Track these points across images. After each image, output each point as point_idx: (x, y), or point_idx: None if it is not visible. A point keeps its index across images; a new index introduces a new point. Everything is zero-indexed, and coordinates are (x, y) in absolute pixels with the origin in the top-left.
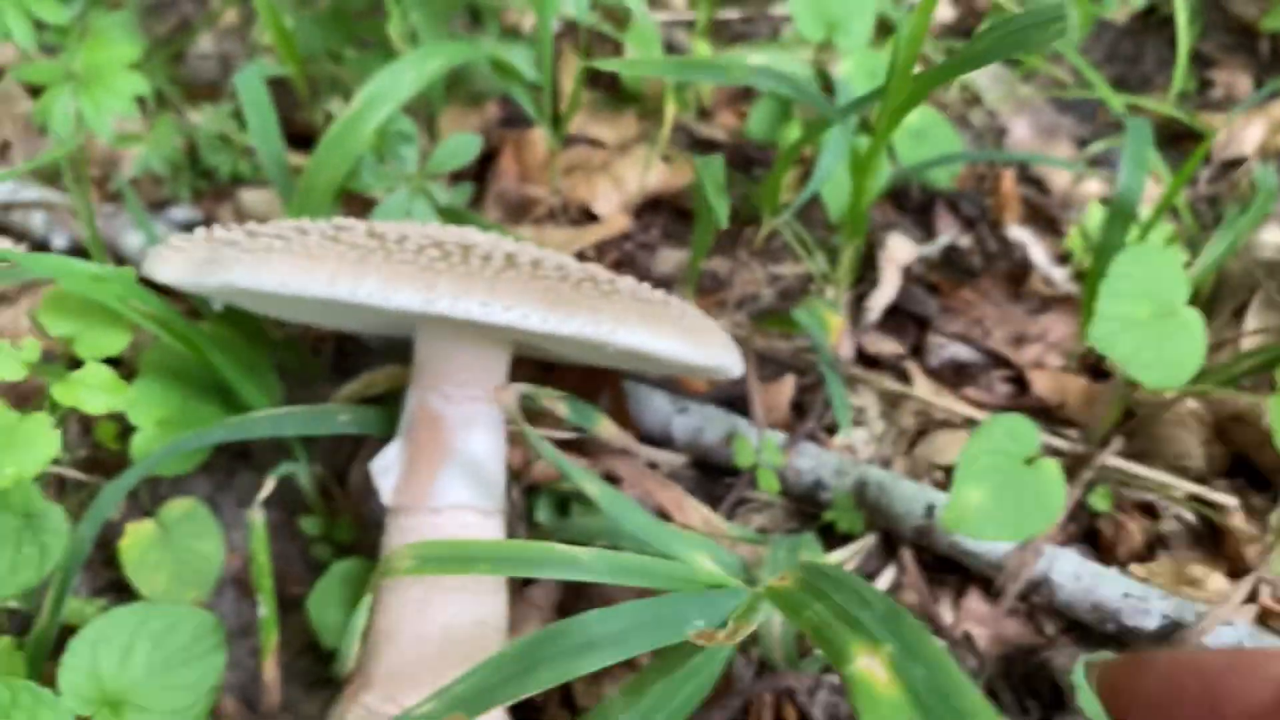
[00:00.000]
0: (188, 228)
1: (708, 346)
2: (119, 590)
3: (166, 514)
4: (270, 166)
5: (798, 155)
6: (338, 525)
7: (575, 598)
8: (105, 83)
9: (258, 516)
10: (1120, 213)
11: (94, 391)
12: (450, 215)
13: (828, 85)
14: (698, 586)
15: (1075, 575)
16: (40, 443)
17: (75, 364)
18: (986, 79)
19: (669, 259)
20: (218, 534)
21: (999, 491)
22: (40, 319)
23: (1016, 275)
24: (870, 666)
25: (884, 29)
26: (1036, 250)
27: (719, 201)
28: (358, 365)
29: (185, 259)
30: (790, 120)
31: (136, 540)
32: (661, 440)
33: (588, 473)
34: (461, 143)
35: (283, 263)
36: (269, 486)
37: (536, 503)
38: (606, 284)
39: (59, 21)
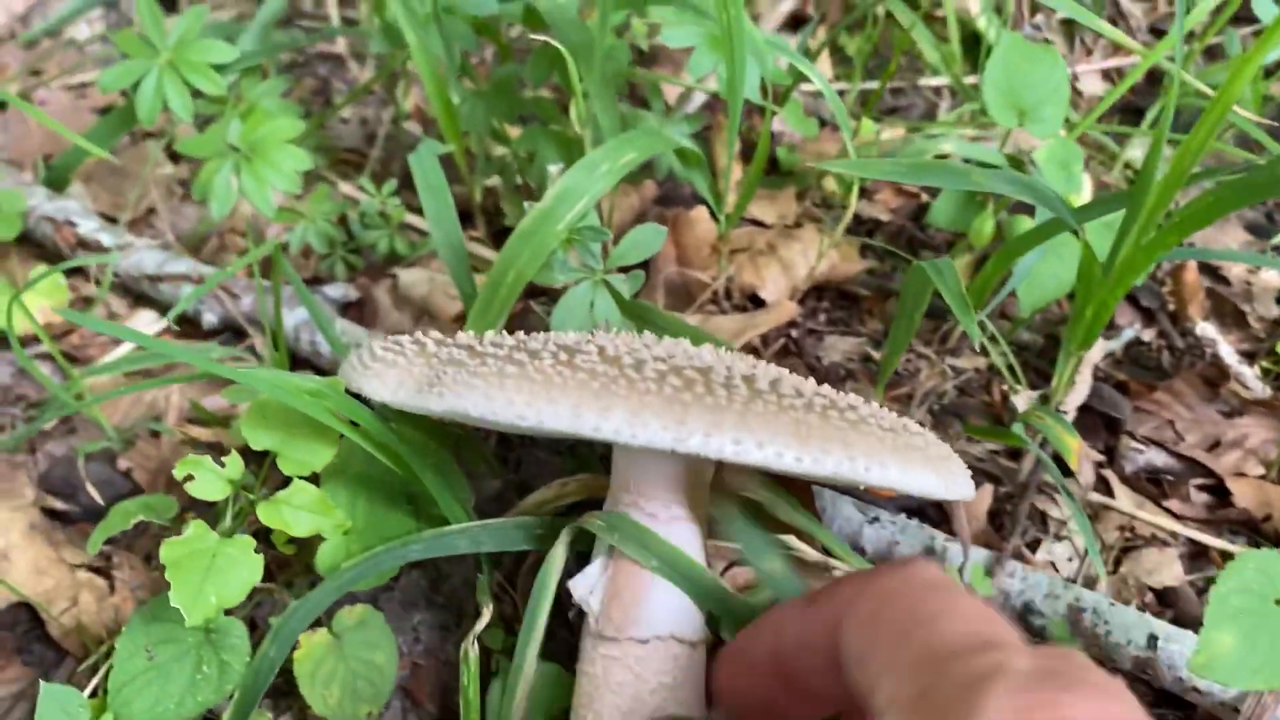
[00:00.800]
0: (343, 306)
1: (952, 477)
2: (278, 695)
3: (339, 622)
4: (446, 251)
5: (1010, 262)
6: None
7: None
8: (267, 157)
9: (473, 651)
10: None
11: (299, 513)
12: (632, 309)
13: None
14: None
15: None
16: (243, 568)
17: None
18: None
19: (836, 347)
20: (391, 643)
21: (1251, 635)
22: (243, 432)
23: (1210, 376)
24: None
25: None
26: (1225, 348)
27: (967, 317)
28: (523, 457)
29: (402, 377)
30: (982, 211)
31: (310, 651)
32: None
33: None
34: (646, 235)
35: (519, 393)
36: (485, 618)
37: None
38: (848, 410)
39: (217, 93)
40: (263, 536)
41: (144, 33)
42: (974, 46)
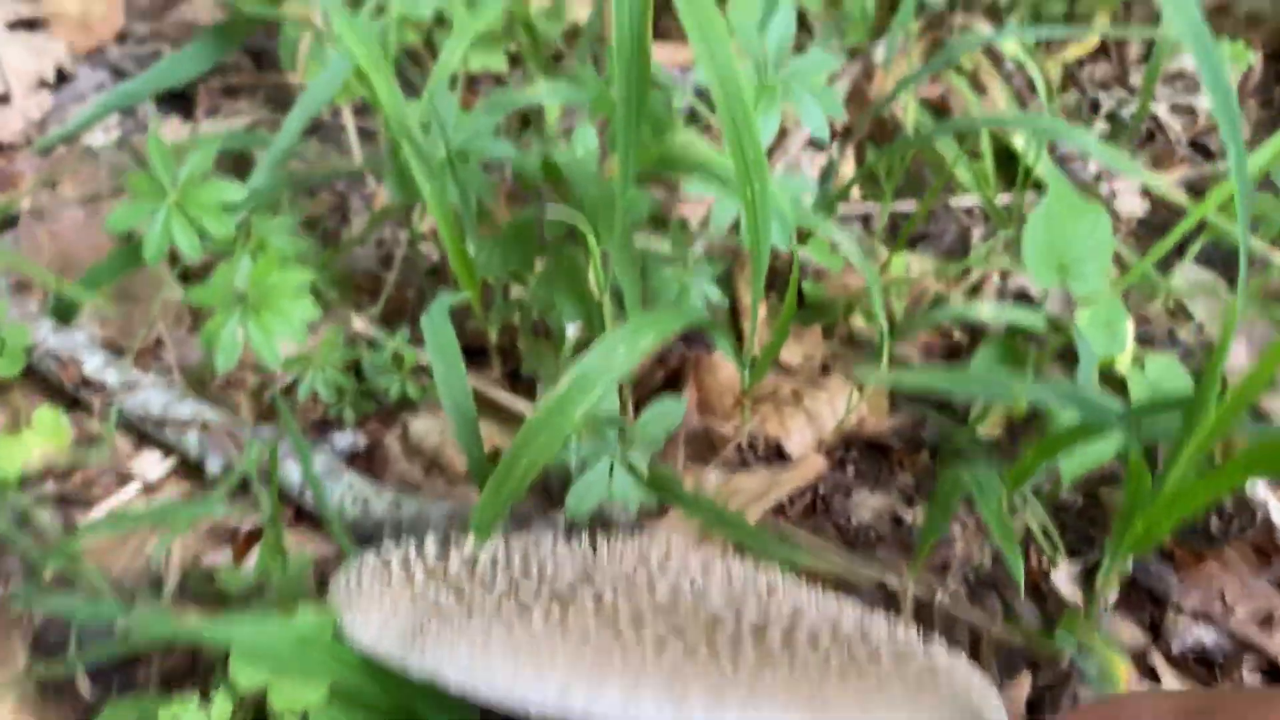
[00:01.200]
0: (350, 457)
1: None
2: None
3: None
4: (453, 413)
5: (1050, 456)
6: None
7: None
8: (275, 307)
9: None
10: None
11: None
12: (652, 483)
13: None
14: None
15: None
16: None
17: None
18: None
19: (866, 504)
20: None
21: None
22: (231, 669)
23: (1261, 544)
24: None
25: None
26: (1277, 507)
27: (1013, 556)
28: None
29: (385, 621)
30: (1021, 372)
31: None
32: None
33: None
34: (666, 409)
35: (505, 664)
36: None
37: None
38: (869, 660)
39: (225, 234)
40: None
41: (153, 172)
42: (1008, 162)
